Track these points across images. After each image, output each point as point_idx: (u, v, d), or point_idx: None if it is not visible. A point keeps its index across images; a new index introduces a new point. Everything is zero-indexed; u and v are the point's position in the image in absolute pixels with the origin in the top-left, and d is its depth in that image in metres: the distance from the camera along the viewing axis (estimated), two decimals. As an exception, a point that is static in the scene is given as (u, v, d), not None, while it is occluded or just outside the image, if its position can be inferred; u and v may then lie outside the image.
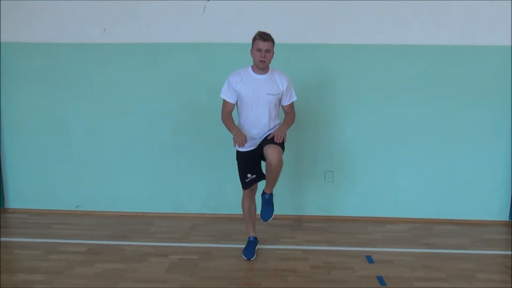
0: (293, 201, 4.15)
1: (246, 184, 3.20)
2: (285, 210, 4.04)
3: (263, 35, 2.94)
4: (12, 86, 4.15)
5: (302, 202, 4.19)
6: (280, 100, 3.13)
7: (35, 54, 4.10)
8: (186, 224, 4.01)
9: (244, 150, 3.13)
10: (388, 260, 3.26)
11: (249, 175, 3.16)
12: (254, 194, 3.33)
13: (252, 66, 3.07)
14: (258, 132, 3.09)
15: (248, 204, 3.31)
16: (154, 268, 3.10)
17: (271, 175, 3.03)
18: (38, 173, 4.26)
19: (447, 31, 3.91)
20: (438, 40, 3.92)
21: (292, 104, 3.19)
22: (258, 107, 3.04)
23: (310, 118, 3.99)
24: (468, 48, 3.92)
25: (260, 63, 2.97)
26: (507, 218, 4.11)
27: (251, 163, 3.16)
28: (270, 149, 2.91)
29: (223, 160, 3.98)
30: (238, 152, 3.19)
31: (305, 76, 3.91)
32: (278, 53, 3.06)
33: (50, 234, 3.74)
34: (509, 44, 3.87)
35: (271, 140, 2.98)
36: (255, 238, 3.37)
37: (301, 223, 4.07)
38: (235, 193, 3.17)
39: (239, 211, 3.42)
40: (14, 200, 4.33)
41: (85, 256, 3.28)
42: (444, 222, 4.11)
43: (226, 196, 4.10)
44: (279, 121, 3.18)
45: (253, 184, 3.21)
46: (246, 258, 3.22)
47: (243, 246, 3.35)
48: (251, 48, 3.02)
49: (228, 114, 3.10)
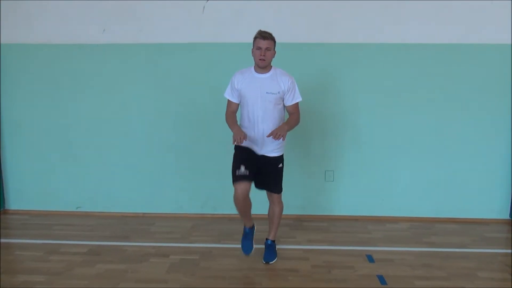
0: (293, 200, 4.14)
1: (237, 178, 2.94)
2: (285, 209, 3.97)
3: (263, 34, 2.93)
4: (12, 87, 4.16)
5: (303, 202, 4.19)
6: (283, 101, 3.05)
7: (35, 55, 4.10)
8: (186, 224, 4.01)
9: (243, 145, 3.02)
10: (388, 259, 3.26)
11: (242, 167, 2.93)
12: (247, 195, 2.99)
13: (254, 66, 3.05)
14: (258, 132, 3.02)
15: (241, 203, 3.00)
16: (155, 268, 3.10)
17: (273, 221, 3.24)
18: (38, 174, 4.26)
19: (448, 30, 3.91)
20: (439, 39, 3.92)
21: (296, 105, 3.09)
22: (258, 107, 3.00)
23: (310, 117, 3.98)
24: (468, 46, 3.92)
25: (260, 62, 2.94)
26: (507, 217, 4.12)
27: (247, 157, 3.00)
28: (272, 198, 3.19)
29: (223, 160, 3.95)
30: (237, 146, 3.04)
31: (305, 76, 3.89)
32: (278, 52, 3.05)
33: (51, 235, 3.74)
34: (509, 42, 3.87)
35: (270, 183, 3.13)
36: (250, 228, 3.24)
37: (301, 222, 4.08)
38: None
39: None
40: (14, 201, 4.33)
41: (85, 257, 3.28)
42: (445, 220, 4.12)
43: (226, 196, 4.05)
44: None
45: (243, 180, 2.94)
46: (245, 254, 3.21)
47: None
48: (252, 48, 3.00)
49: (232, 113, 3.10)
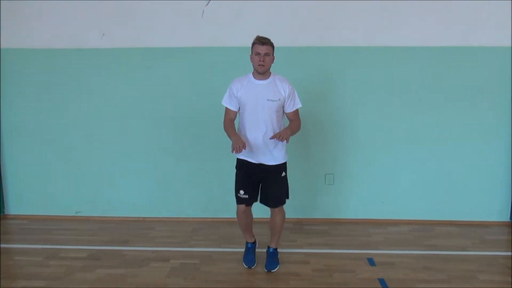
0: (293, 204, 4.10)
1: (238, 199, 3.09)
2: (285, 213, 4.02)
3: (261, 39, 2.88)
4: (12, 91, 4.16)
5: (303, 205, 4.19)
6: (283, 108, 3.04)
7: (34, 60, 4.11)
8: (186, 228, 4.00)
9: (245, 158, 3.03)
10: (389, 262, 3.26)
11: (241, 191, 3.05)
12: (249, 209, 3.16)
13: (253, 72, 3.00)
14: (258, 140, 2.98)
15: (243, 218, 3.16)
16: (155, 273, 3.10)
17: (275, 229, 3.20)
18: (38, 178, 4.25)
19: (447, 33, 3.91)
20: (438, 42, 3.92)
21: (296, 112, 3.07)
22: (258, 114, 2.95)
23: (309, 120, 3.99)
24: (468, 49, 3.93)
25: (259, 67, 2.90)
26: (507, 219, 4.12)
27: (247, 181, 3.06)
28: (275, 213, 3.14)
29: (223, 163, 3.97)
30: (238, 161, 3.10)
31: (304, 79, 3.91)
32: (277, 56, 3.05)
33: (51, 240, 3.73)
34: (509, 45, 3.89)
35: (272, 198, 3.08)
36: (252, 243, 3.30)
37: (302, 226, 4.07)
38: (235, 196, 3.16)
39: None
40: (14, 206, 4.32)
41: (85, 262, 3.27)
42: (445, 223, 4.11)
43: (227, 199, 4.06)
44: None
45: (244, 202, 3.07)
46: (247, 267, 3.16)
47: (244, 249, 3.32)
48: (250, 54, 2.96)
49: (230, 121, 3.03)
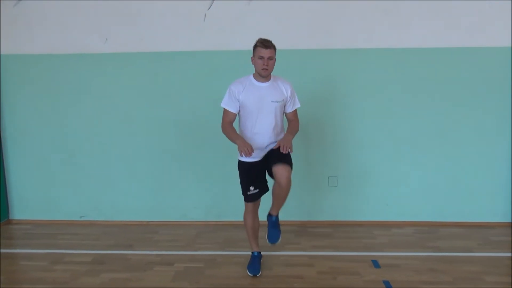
0: (297, 206, 4.14)
1: (248, 197, 3.06)
2: (289, 216, 4.02)
3: (264, 42, 2.86)
4: (15, 97, 4.18)
5: (307, 208, 4.18)
6: (284, 108, 3.04)
7: (37, 65, 4.12)
8: (190, 232, 4.00)
9: (248, 160, 3.01)
10: (394, 264, 3.24)
11: (251, 188, 3.02)
12: (257, 208, 3.17)
13: (253, 74, 2.99)
14: (263, 142, 2.98)
15: (252, 219, 3.15)
16: (159, 277, 3.09)
17: (279, 197, 2.99)
18: (41, 183, 4.27)
19: (448, 34, 3.91)
20: (439, 43, 3.92)
21: (295, 112, 3.10)
22: (262, 116, 2.94)
23: (312, 122, 3.99)
24: (469, 50, 3.92)
25: (263, 71, 2.88)
26: (512, 220, 4.10)
27: (254, 175, 3.03)
28: (280, 170, 2.81)
29: (226, 166, 3.98)
30: (240, 162, 3.06)
31: (307, 82, 3.91)
32: (279, 59, 3.05)
33: (55, 244, 3.74)
34: (509, 45, 3.88)
35: (278, 157, 2.83)
36: (259, 253, 3.25)
37: (306, 228, 4.06)
38: (239, 199, 3.16)
39: (243, 217, 3.38)
40: (18, 211, 4.33)
41: (90, 266, 3.28)
42: (449, 224, 4.10)
43: (230, 202, 4.09)
44: (284, 132, 3.06)
45: (256, 198, 3.08)
46: (252, 275, 3.10)
47: (248, 253, 3.31)
48: (252, 56, 2.94)
49: (229, 124, 2.99)
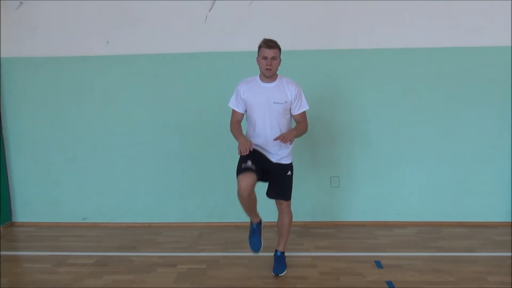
0: (299, 207, 4.09)
1: (241, 169, 2.86)
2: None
3: (268, 42, 2.88)
4: (17, 100, 4.19)
5: (309, 208, 4.18)
6: (290, 110, 3.02)
7: (38, 68, 4.14)
8: (193, 233, 4.00)
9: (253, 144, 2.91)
10: (397, 265, 3.24)
11: (249, 162, 2.84)
12: (253, 188, 2.88)
13: (260, 75, 3.00)
14: (266, 143, 2.98)
15: (247, 201, 2.92)
16: (162, 279, 3.10)
17: (282, 232, 3.17)
18: (44, 186, 4.27)
19: (449, 34, 3.91)
20: (440, 43, 3.92)
21: (303, 114, 3.04)
22: (265, 117, 2.95)
23: (314, 123, 3.95)
24: (471, 50, 3.92)
25: (266, 71, 2.90)
26: (515, 219, 4.09)
27: (254, 156, 2.88)
28: (281, 207, 3.11)
29: (229, 168, 3.94)
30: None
31: (309, 82, 3.88)
32: (282, 60, 3.02)
33: (58, 246, 3.75)
34: (509, 44, 3.87)
35: (279, 190, 3.06)
36: (258, 224, 3.17)
37: (308, 229, 4.06)
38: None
39: (245, 218, 3.36)
40: (21, 213, 4.34)
41: (93, 268, 3.28)
42: (452, 224, 4.09)
43: (233, 204, 4.05)
44: None
45: (248, 170, 2.84)
46: (254, 252, 3.09)
47: (251, 254, 3.31)
48: (257, 57, 2.96)
49: (236, 123, 3.03)
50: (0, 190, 4.15)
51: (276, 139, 2.87)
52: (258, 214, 3.19)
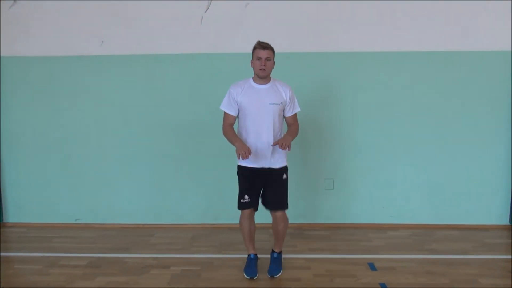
0: (293, 209, 4.07)
1: (241, 205, 3.08)
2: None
3: (262, 44, 2.93)
4: (11, 100, 4.15)
5: (303, 211, 4.18)
6: (283, 112, 3.06)
7: (33, 68, 4.11)
8: (187, 235, 3.99)
9: (246, 165, 3.01)
10: (390, 267, 3.25)
11: (246, 196, 3.04)
12: (253, 214, 3.15)
13: (253, 77, 3.02)
14: (261, 145, 2.98)
15: (248, 224, 3.14)
16: (156, 280, 3.08)
17: (278, 235, 3.18)
18: (36, 186, 4.24)
19: (446, 38, 3.94)
20: (438, 47, 3.95)
21: (295, 116, 3.12)
22: (261, 118, 2.96)
23: (308, 125, 4.00)
24: (467, 54, 3.95)
25: (261, 72, 2.93)
26: (507, 222, 4.12)
27: (251, 184, 3.05)
28: (276, 213, 3.08)
29: (223, 169, 3.98)
30: (240, 168, 3.08)
31: (304, 85, 3.92)
32: (277, 62, 3.06)
33: (50, 248, 3.71)
34: (509, 49, 3.91)
35: (275, 200, 3.06)
36: (255, 255, 3.22)
37: (302, 231, 4.06)
38: (235, 202, 3.16)
39: (239, 221, 3.38)
40: (13, 214, 4.29)
41: (86, 270, 3.26)
42: (445, 227, 4.11)
43: (226, 205, 4.08)
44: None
45: (247, 207, 3.08)
46: (249, 278, 3.09)
47: (245, 255, 3.30)
48: (251, 59, 2.99)
49: (229, 126, 3.03)
50: (-9, 190, 4.12)
51: (274, 144, 2.90)
52: (255, 247, 3.24)
